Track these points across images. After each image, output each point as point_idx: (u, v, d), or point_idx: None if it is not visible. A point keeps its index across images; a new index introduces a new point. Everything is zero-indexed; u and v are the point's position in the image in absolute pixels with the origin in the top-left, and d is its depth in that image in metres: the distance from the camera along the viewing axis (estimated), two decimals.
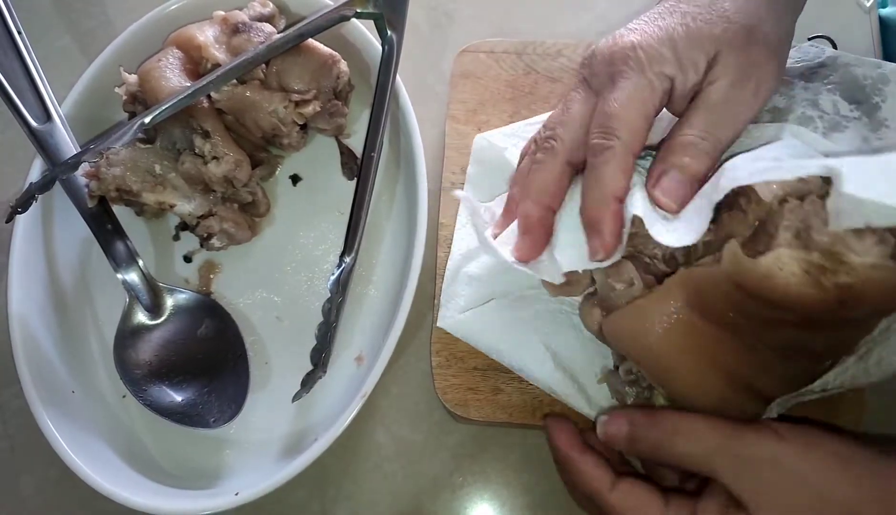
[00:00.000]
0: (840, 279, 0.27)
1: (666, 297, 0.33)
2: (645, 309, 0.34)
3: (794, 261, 0.28)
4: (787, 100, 0.38)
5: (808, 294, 0.28)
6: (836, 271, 0.27)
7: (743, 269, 0.29)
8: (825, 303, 0.28)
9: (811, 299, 0.28)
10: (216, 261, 0.49)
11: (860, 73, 0.38)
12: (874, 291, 0.28)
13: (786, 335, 0.31)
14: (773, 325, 0.31)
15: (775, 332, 0.31)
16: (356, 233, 0.43)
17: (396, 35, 0.46)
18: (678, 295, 0.33)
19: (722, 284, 0.30)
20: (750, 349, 0.32)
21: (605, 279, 0.36)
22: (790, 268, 0.28)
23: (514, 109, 0.48)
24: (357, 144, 0.50)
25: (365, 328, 0.46)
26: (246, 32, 0.45)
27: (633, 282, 0.35)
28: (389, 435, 0.45)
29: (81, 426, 0.43)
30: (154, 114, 0.42)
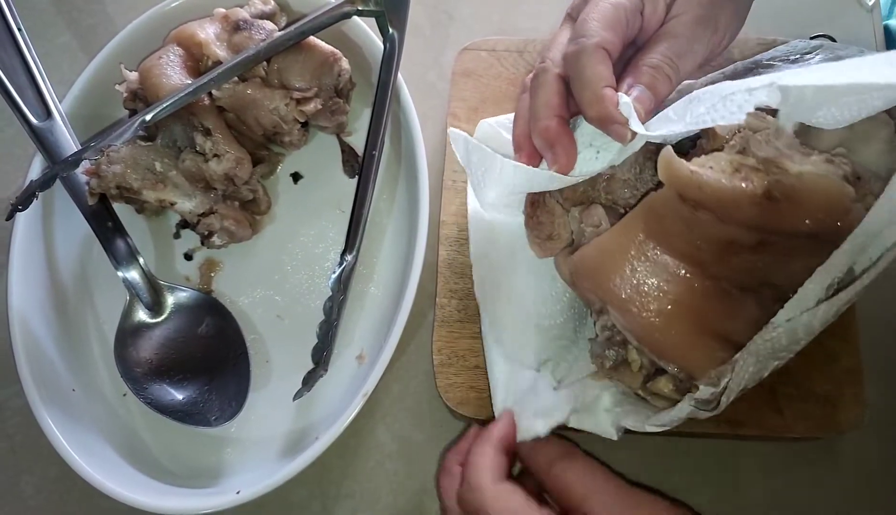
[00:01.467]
0: (770, 177, 0.29)
1: (626, 228, 0.34)
2: (607, 242, 0.34)
3: (727, 161, 0.29)
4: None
5: (735, 189, 0.29)
6: (768, 171, 0.29)
7: (674, 168, 0.30)
8: (755, 199, 0.29)
9: (740, 196, 0.29)
10: (217, 259, 0.48)
11: (843, 54, 0.39)
12: (809, 191, 0.28)
13: (745, 264, 0.31)
14: (730, 249, 0.31)
15: (734, 259, 0.31)
16: (357, 231, 0.43)
17: (398, 33, 0.46)
18: (638, 225, 0.33)
19: (669, 200, 0.31)
20: (716, 290, 0.32)
21: (579, 225, 0.37)
22: (720, 165, 0.29)
23: (514, 108, 0.48)
24: (358, 142, 0.50)
25: (366, 326, 0.46)
26: (247, 30, 0.45)
27: (600, 224, 0.36)
28: (391, 434, 0.44)
29: (82, 424, 0.42)
30: (155, 111, 0.41)
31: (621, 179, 0.37)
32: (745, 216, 0.30)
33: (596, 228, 0.36)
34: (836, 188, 0.29)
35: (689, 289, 0.33)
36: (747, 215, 0.29)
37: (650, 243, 0.33)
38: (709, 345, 0.33)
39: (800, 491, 0.42)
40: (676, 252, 0.33)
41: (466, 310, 0.44)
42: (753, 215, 0.29)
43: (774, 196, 0.28)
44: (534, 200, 0.40)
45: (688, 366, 0.33)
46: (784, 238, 0.30)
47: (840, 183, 0.29)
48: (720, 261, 0.32)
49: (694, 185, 0.29)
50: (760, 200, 0.29)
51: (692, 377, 0.33)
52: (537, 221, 0.39)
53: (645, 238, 0.33)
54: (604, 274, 0.34)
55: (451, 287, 0.44)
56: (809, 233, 0.30)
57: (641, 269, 0.33)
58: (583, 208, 0.38)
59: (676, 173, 0.30)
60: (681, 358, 0.33)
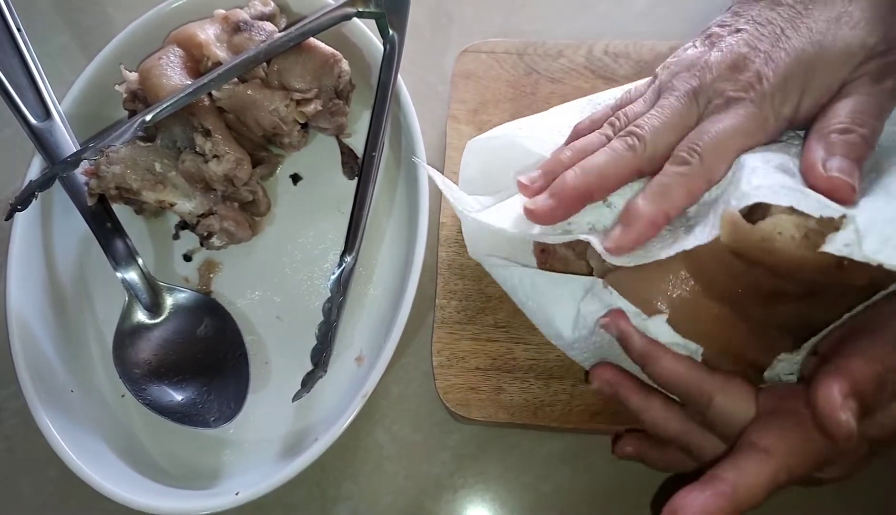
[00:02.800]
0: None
1: (669, 264, 0.33)
2: (649, 272, 0.33)
3: (793, 225, 0.28)
4: None
5: (806, 258, 0.28)
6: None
7: (741, 234, 0.29)
8: (823, 266, 0.28)
9: (810, 263, 0.28)
10: (216, 260, 0.48)
11: None
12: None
13: (788, 310, 0.31)
14: (776, 299, 0.31)
15: (778, 307, 0.31)
16: (357, 232, 0.43)
17: (398, 34, 0.46)
18: (680, 264, 0.33)
19: (722, 254, 0.30)
20: (752, 329, 0.32)
21: (601, 262, 0.36)
22: (789, 232, 0.28)
23: (515, 110, 0.48)
24: (357, 143, 0.50)
25: (365, 327, 0.46)
26: (247, 31, 0.45)
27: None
28: (390, 435, 0.44)
29: (80, 425, 0.42)
30: (155, 112, 0.41)
31: None
32: (810, 279, 0.29)
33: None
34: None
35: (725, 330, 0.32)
36: (812, 278, 0.29)
37: (690, 282, 0.32)
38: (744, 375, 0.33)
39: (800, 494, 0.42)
40: (717, 296, 0.32)
41: (466, 311, 0.44)
42: (818, 278, 0.29)
43: (844, 264, 0.28)
44: (543, 247, 0.40)
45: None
46: (834, 288, 0.30)
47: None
48: (763, 308, 0.32)
49: (763, 252, 0.29)
50: (829, 268, 0.28)
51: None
52: (550, 267, 0.39)
53: (685, 275, 0.33)
54: (642, 301, 0.33)
55: (451, 289, 0.44)
56: (863, 286, 0.30)
57: (679, 304, 0.33)
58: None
59: (745, 238, 0.29)
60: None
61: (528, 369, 0.42)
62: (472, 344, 0.43)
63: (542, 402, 0.41)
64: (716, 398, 0.31)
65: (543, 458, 0.43)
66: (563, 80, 0.49)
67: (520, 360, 0.42)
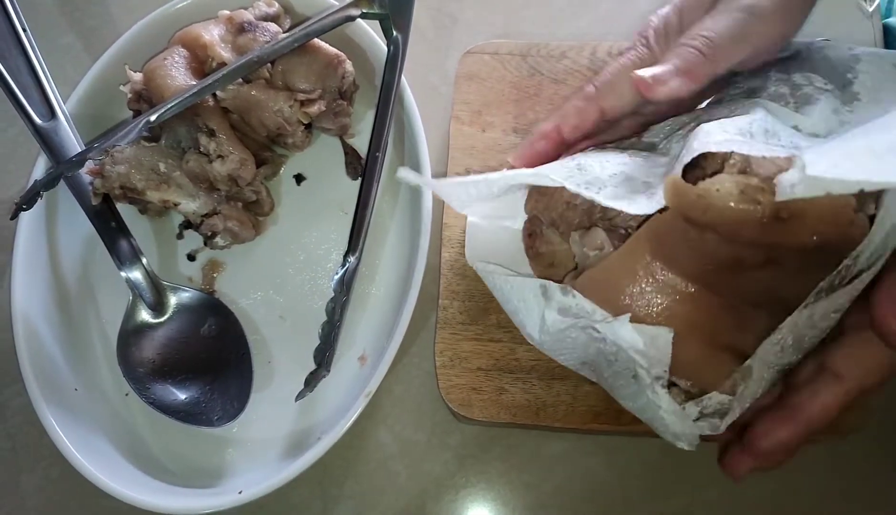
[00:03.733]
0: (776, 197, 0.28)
1: (632, 250, 0.33)
2: (612, 264, 0.34)
3: (732, 182, 0.29)
4: (762, 80, 0.39)
5: (743, 211, 0.29)
6: (773, 191, 0.28)
7: (680, 193, 0.29)
8: (763, 219, 0.29)
9: (747, 217, 0.29)
10: (220, 260, 0.49)
11: (832, 54, 0.38)
12: (814, 211, 0.28)
13: (754, 282, 0.31)
14: (737, 268, 0.31)
15: (742, 277, 0.31)
16: (360, 232, 0.43)
17: (402, 35, 0.46)
18: (643, 247, 0.33)
19: (676, 223, 0.31)
20: (726, 306, 0.32)
21: (582, 250, 0.37)
22: (726, 188, 0.29)
23: (518, 111, 0.49)
24: (361, 144, 0.50)
25: (368, 327, 0.46)
26: (251, 32, 0.46)
27: (603, 246, 0.36)
28: (392, 435, 0.45)
29: (84, 424, 0.43)
30: (159, 112, 0.42)
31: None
32: (753, 236, 0.29)
33: (599, 250, 0.36)
34: (841, 201, 0.29)
35: (698, 307, 0.33)
36: (755, 235, 0.29)
37: (656, 263, 0.33)
38: (721, 359, 0.33)
39: (801, 494, 0.42)
40: (683, 272, 0.32)
41: (469, 312, 0.44)
42: (761, 235, 0.29)
43: (782, 216, 0.28)
44: (531, 231, 0.40)
45: (701, 381, 0.33)
46: (791, 254, 0.30)
47: (844, 196, 0.29)
48: (728, 279, 0.32)
49: (700, 208, 0.29)
50: (769, 220, 0.29)
51: (704, 390, 0.33)
52: (536, 251, 0.39)
53: (651, 259, 0.33)
54: (612, 295, 0.34)
55: (454, 289, 0.44)
56: (816, 247, 0.30)
57: (649, 289, 0.33)
58: (583, 233, 0.37)
59: (683, 198, 0.29)
60: (694, 374, 0.33)
61: (530, 369, 0.42)
62: (474, 345, 0.43)
63: (544, 403, 0.41)
64: None
65: (546, 458, 0.43)
66: (567, 81, 0.49)
67: (522, 360, 0.42)
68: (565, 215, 0.38)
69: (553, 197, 0.38)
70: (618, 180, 0.35)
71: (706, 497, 0.42)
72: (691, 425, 0.33)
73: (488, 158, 0.47)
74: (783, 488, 0.42)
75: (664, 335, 0.32)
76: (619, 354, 0.33)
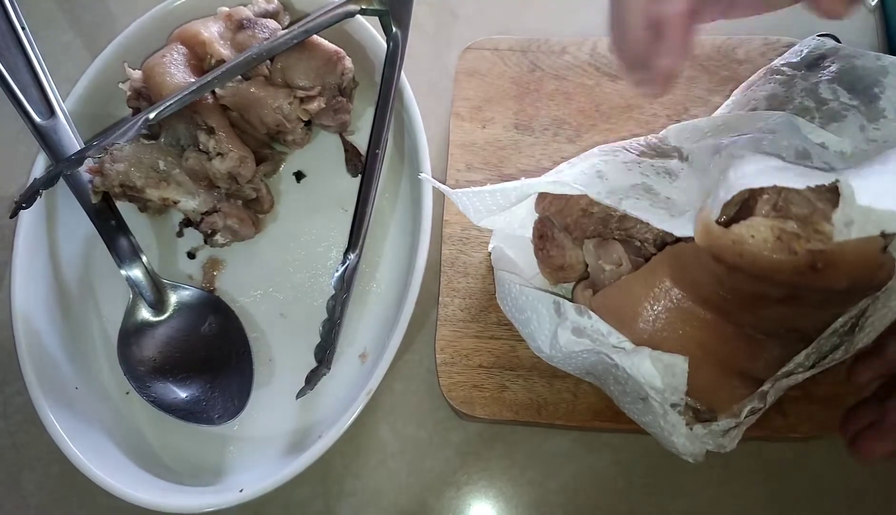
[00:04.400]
0: (812, 245, 0.28)
1: (652, 274, 0.33)
2: (631, 286, 0.34)
3: (767, 228, 0.28)
4: (787, 89, 0.38)
5: (779, 260, 0.28)
6: (809, 237, 0.28)
7: (714, 237, 0.29)
8: (798, 268, 0.28)
9: (782, 265, 0.28)
10: (220, 258, 0.48)
11: (860, 64, 0.38)
12: (849, 256, 0.28)
13: (773, 315, 0.31)
14: (759, 303, 0.31)
15: (762, 311, 0.31)
16: (360, 230, 0.43)
17: (401, 31, 0.46)
18: (663, 272, 0.33)
19: (702, 257, 0.30)
20: (740, 334, 0.32)
21: (596, 261, 0.36)
22: (762, 235, 0.28)
23: (518, 107, 0.48)
24: (361, 140, 0.50)
25: (369, 325, 0.46)
26: (250, 29, 0.45)
27: (621, 262, 0.35)
28: (393, 433, 0.44)
29: (85, 422, 0.42)
30: (158, 110, 0.41)
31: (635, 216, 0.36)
32: (785, 282, 0.29)
33: (616, 266, 0.36)
34: (874, 250, 0.28)
35: (713, 334, 0.33)
36: (788, 281, 0.29)
37: (676, 290, 0.33)
38: (733, 384, 0.33)
39: (801, 492, 0.42)
40: (702, 300, 0.32)
41: (469, 309, 0.44)
42: (794, 281, 0.29)
43: (818, 266, 0.28)
44: (542, 233, 0.40)
45: (711, 403, 0.33)
46: (816, 292, 0.30)
47: (874, 243, 0.28)
48: (747, 311, 0.32)
49: (734, 253, 0.29)
50: (804, 269, 0.28)
51: (714, 410, 0.33)
52: (547, 253, 0.39)
53: (671, 285, 0.33)
54: (629, 317, 0.34)
55: (454, 286, 0.44)
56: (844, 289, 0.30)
57: (666, 315, 0.33)
58: (598, 242, 0.37)
59: (716, 242, 0.29)
60: (705, 398, 0.33)
61: (531, 367, 0.42)
62: (475, 342, 0.43)
63: (545, 400, 0.41)
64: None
65: (547, 455, 0.43)
66: (568, 76, 0.49)
67: (523, 358, 0.42)
68: (580, 221, 0.38)
69: (569, 202, 0.38)
70: (639, 191, 0.34)
71: (710, 494, 0.42)
72: (699, 444, 0.33)
73: (489, 155, 0.47)
74: (785, 486, 0.42)
75: (681, 364, 0.32)
76: (630, 381, 0.33)
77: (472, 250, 0.45)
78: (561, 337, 0.35)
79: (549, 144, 0.47)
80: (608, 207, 0.35)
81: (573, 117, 0.48)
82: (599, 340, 0.34)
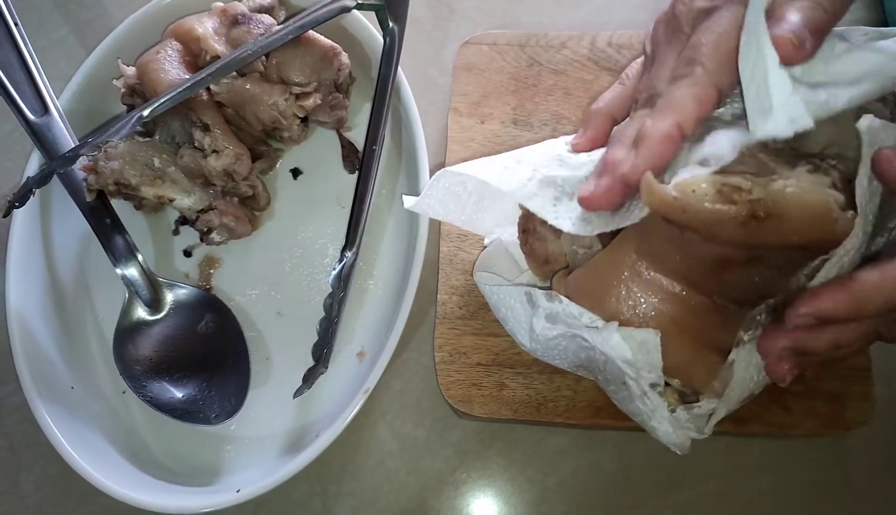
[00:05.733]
0: (753, 196, 0.28)
1: (619, 249, 0.33)
2: (600, 264, 0.34)
3: (709, 183, 0.28)
4: None
5: (719, 211, 0.28)
6: (751, 189, 0.28)
7: (657, 195, 0.29)
8: (739, 218, 0.28)
9: (724, 216, 0.28)
10: (216, 256, 0.48)
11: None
12: (794, 208, 0.28)
13: (738, 280, 0.31)
14: (722, 267, 0.31)
15: (726, 275, 0.31)
16: (358, 227, 0.42)
17: (398, 26, 0.45)
18: (629, 246, 0.33)
19: (658, 223, 0.30)
20: (711, 306, 0.32)
21: (570, 246, 0.36)
22: (702, 190, 0.28)
23: (516, 102, 0.48)
24: (358, 137, 0.50)
25: (367, 323, 0.45)
26: (245, 24, 0.45)
27: (591, 245, 0.35)
28: (392, 432, 0.44)
29: (81, 422, 0.42)
30: (153, 107, 0.41)
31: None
32: (732, 236, 0.29)
33: (588, 249, 0.36)
34: (820, 202, 0.28)
35: (684, 306, 0.32)
36: (734, 235, 0.29)
37: (642, 262, 0.33)
38: (709, 358, 0.33)
39: (805, 488, 0.42)
40: (669, 271, 0.32)
41: (468, 307, 0.43)
42: (740, 235, 0.29)
43: (759, 216, 0.28)
44: (525, 227, 0.39)
45: (690, 380, 0.33)
46: (775, 252, 0.30)
47: (823, 196, 0.28)
48: (713, 278, 0.32)
49: (677, 209, 0.29)
50: (745, 220, 0.28)
51: (696, 390, 0.33)
52: (530, 247, 0.39)
53: (637, 258, 0.33)
54: (599, 296, 0.33)
55: (453, 284, 0.44)
56: (799, 245, 0.29)
57: (636, 289, 0.33)
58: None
59: (659, 199, 0.29)
60: (683, 373, 0.33)
61: (530, 364, 0.42)
62: (473, 340, 0.43)
63: (545, 398, 0.41)
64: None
65: (547, 453, 0.43)
66: (566, 71, 0.48)
67: (522, 355, 0.42)
68: None
69: None
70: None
71: (710, 489, 0.42)
72: (682, 431, 0.33)
73: (487, 151, 0.47)
74: (784, 481, 0.42)
75: (652, 338, 0.31)
76: (609, 364, 0.33)
77: (471, 247, 0.45)
78: (536, 326, 0.35)
79: (548, 139, 0.47)
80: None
81: (572, 112, 0.47)
82: (572, 322, 0.34)
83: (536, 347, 0.37)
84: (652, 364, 0.32)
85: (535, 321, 0.35)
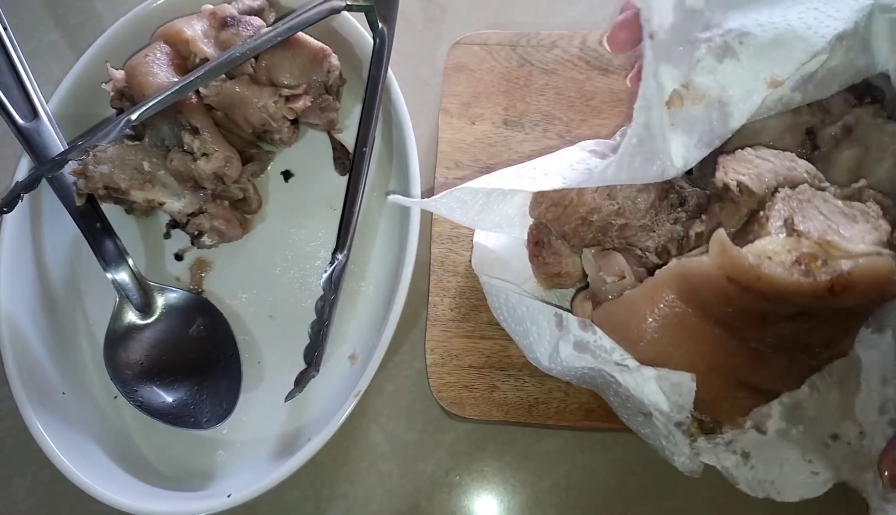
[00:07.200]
0: (830, 267, 0.27)
1: (658, 290, 0.32)
2: (636, 302, 0.33)
3: (784, 249, 0.28)
4: None
5: (798, 283, 0.28)
6: (827, 259, 0.27)
7: (730, 258, 0.28)
8: (816, 292, 0.28)
9: (802, 289, 0.28)
10: (207, 259, 0.48)
11: None
12: (865, 278, 0.27)
13: (780, 330, 0.31)
14: (767, 320, 0.30)
15: (770, 327, 0.31)
16: (349, 229, 0.42)
17: (388, 27, 0.45)
18: (670, 289, 0.32)
19: (714, 278, 0.30)
20: (745, 347, 0.32)
21: (597, 273, 0.36)
22: (780, 257, 0.28)
23: (508, 102, 0.48)
24: (349, 138, 0.50)
25: (358, 325, 0.45)
26: (234, 26, 0.45)
27: (623, 275, 0.35)
28: (384, 434, 0.44)
29: (72, 427, 0.42)
30: (141, 110, 0.41)
31: (636, 225, 0.35)
32: (802, 303, 0.29)
33: (619, 278, 0.35)
34: (888, 268, 0.28)
35: (718, 349, 0.32)
36: (803, 302, 0.28)
37: (683, 307, 0.32)
38: (736, 395, 0.33)
39: None
40: (709, 317, 0.32)
41: (459, 308, 0.43)
42: (810, 303, 0.28)
43: (836, 290, 0.28)
44: (537, 239, 0.39)
45: (716, 414, 0.33)
46: (827, 310, 0.30)
47: (889, 262, 0.28)
48: (756, 328, 0.31)
49: (752, 277, 0.28)
50: (822, 293, 0.28)
51: (720, 422, 0.33)
52: (542, 260, 0.39)
53: (677, 302, 0.32)
54: (632, 334, 0.33)
55: (444, 286, 0.44)
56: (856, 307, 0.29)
57: (671, 332, 0.32)
58: (598, 252, 0.36)
59: (734, 262, 0.28)
60: (709, 407, 0.33)
61: (522, 366, 0.41)
62: (465, 342, 0.42)
63: (536, 400, 0.41)
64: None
65: (539, 455, 0.43)
66: (558, 71, 0.48)
67: (514, 358, 0.42)
68: (579, 230, 0.37)
69: (566, 210, 0.37)
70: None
71: (704, 494, 0.41)
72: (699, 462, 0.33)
73: (478, 152, 0.47)
74: None
75: (688, 383, 0.31)
76: (632, 399, 0.32)
77: (462, 249, 0.44)
78: (562, 351, 0.34)
79: (540, 139, 0.47)
80: (608, 215, 0.35)
81: (563, 112, 0.47)
82: (602, 357, 0.33)
83: (554, 367, 0.36)
84: (682, 406, 0.32)
85: (563, 346, 0.34)
